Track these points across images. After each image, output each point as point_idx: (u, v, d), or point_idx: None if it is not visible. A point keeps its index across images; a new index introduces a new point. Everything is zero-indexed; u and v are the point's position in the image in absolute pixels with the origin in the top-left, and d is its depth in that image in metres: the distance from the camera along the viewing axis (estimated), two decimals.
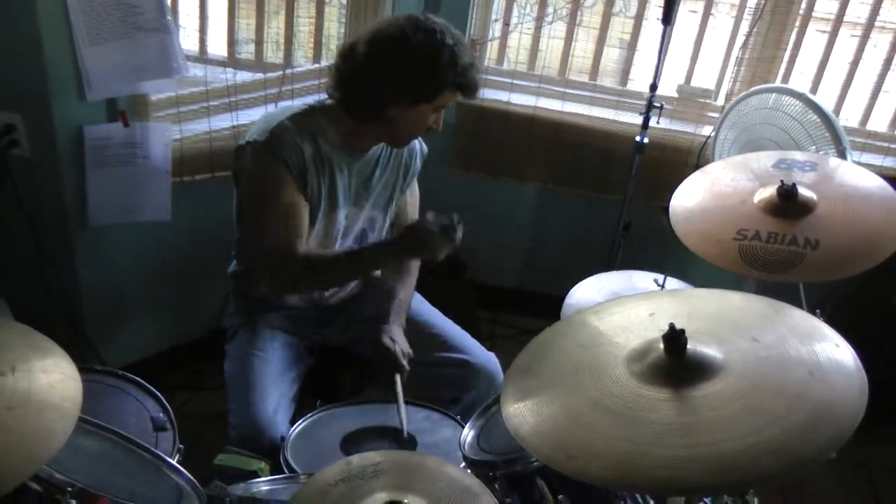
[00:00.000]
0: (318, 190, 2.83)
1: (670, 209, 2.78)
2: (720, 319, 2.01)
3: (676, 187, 2.92)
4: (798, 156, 2.96)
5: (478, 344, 3.12)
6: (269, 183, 2.76)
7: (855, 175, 2.80)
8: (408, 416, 2.67)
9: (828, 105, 3.41)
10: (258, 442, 2.61)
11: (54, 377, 1.82)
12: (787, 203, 2.59)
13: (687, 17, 4.17)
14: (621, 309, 2.14)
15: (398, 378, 2.82)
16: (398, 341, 2.93)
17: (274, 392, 2.79)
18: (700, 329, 1.90)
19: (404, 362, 2.87)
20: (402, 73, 2.68)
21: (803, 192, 2.62)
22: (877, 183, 2.73)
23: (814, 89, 4.19)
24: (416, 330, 3.08)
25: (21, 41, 2.99)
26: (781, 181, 2.62)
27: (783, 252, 2.49)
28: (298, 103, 2.97)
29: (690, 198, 2.81)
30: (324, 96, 2.92)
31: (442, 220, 2.62)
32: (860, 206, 2.64)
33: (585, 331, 2.09)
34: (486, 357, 3.08)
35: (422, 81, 2.70)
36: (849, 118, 4.28)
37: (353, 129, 2.83)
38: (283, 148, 2.72)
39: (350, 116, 2.80)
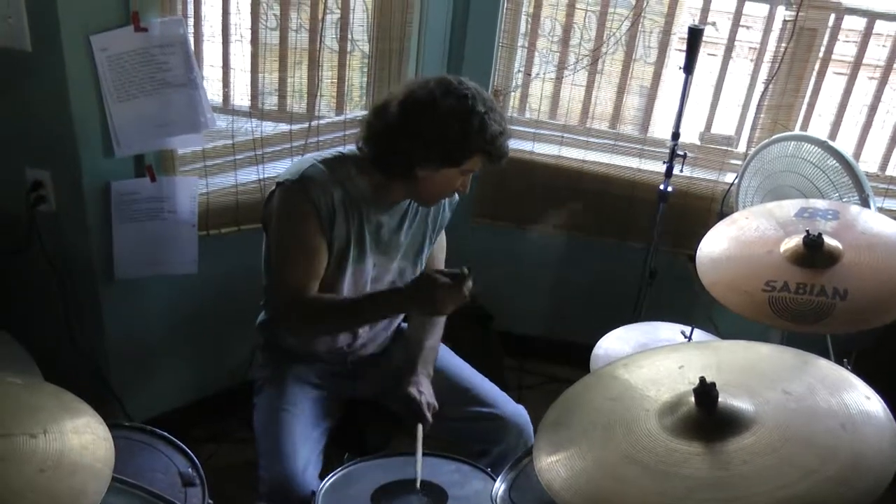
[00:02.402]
0: (348, 234, 2.82)
1: (697, 261, 2.78)
2: (749, 371, 2.02)
3: (700, 234, 2.91)
4: (820, 204, 2.96)
5: (507, 397, 3.09)
6: (296, 222, 2.76)
7: (876, 222, 2.81)
8: (438, 468, 2.65)
9: (847, 150, 3.41)
10: (289, 496, 2.61)
11: (86, 438, 1.82)
12: (814, 253, 2.60)
13: (705, 61, 4.18)
14: (650, 361, 2.15)
15: (420, 428, 2.81)
16: (424, 392, 2.91)
17: (304, 446, 2.77)
18: (730, 381, 1.90)
19: (428, 414, 2.86)
20: (431, 138, 2.67)
21: (828, 241, 2.62)
22: None
23: (833, 134, 4.19)
24: (446, 383, 3.06)
25: (50, 98, 3.02)
26: (807, 231, 2.62)
27: (813, 303, 2.49)
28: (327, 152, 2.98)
29: (716, 249, 2.82)
30: (349, 148, 2.92)
31: (453, 272, 2.63)
32: (885, 253, 2.65)
33: (615, 384, 2.09)
34: (515, 410, 3.04)
35: (450, 147, 2.69)
36: (868, 162, 4.27)
37: (381, 183, 2.83)
38: (313, 190, 2.72)
39: (379, 171, 2.81)
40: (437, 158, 2.71)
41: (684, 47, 3.68)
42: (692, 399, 1.85)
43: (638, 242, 4.16)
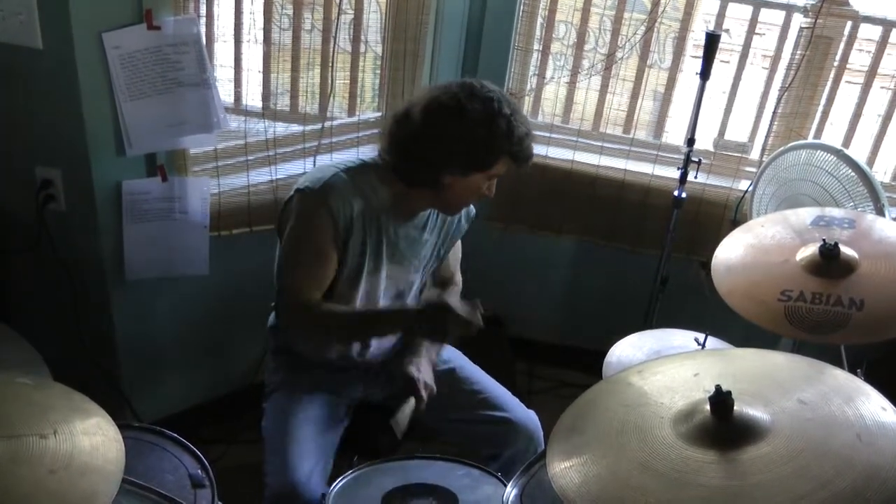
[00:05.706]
0: (364, 247, 2.81)
1: (712, 268, 2.76)
2: (764, 380, 1.99)
3: (713, 241, 2.90)
4: (836, 212, 2.95)
5: (518, 402, 3.08)
6: (311, 229, 2.73)
7: (893, 231, 2.78)
8: (448, 473, 2.63)
9: (860, 159, 3.39)
10: (294, 502, 2.60)
11: (96, 439, 1.81)
12: (830, 262, 2.58)
13: (717, 67, 4.16)
14: (664, 368, 2.13)
15: (411, 400, 2.80)
16: (423, 372, 2.89)
17: (312, 452, 2.75)
18: (745, 390, 1.88)
19: (424, 394, 2.83)
20: (458, 143, 2.65)
21: (845, 250, 2.61)
22: None
23: (846, 143, 4.15)
24: (458, 386, 3.05)
25: (61, 96, 3.01)
26: (823, 240, 2.60)
27: (829, 313, 2.47)
28: (343, 157, 2.96)
29: (732, 256, 2.80)
30: (362, 150, 2.91)
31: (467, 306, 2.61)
32: None
33: (630, 390, 2.07)
34: (526, 415, 3.03)
35: (477, 151, 2.68)
36: (881, 172, 4.24)
37: (403, 192, 2.81)
38: (333, 200, 2.70)
39: (402, 181, 2.79)
40: (464, 164, 2.70)
41: (699, 53, 3.66)
42: (707, 407, 1.83)
43: (650, 249, 4.14)
